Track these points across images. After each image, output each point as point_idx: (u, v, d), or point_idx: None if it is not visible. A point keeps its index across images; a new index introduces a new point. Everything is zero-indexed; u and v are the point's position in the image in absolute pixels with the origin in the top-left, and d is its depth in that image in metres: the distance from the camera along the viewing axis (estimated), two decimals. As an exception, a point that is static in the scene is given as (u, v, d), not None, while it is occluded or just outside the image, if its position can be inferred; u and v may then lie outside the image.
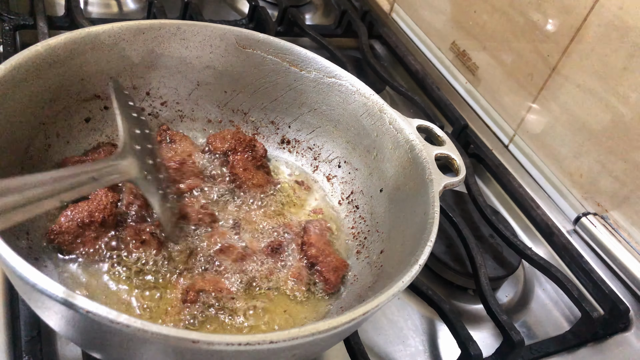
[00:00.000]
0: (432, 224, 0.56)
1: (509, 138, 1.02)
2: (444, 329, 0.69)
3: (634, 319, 0.78)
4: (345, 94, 0.73)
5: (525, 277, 0.83)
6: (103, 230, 0.59)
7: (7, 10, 0.92)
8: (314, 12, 1.29)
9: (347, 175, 0.75)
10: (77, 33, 0.63)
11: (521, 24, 0.97)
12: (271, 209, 0.71)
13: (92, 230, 0.59)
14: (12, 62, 0.56)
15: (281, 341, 0.41)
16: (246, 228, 0.67)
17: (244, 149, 0.73)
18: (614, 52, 0.83)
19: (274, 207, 0.72)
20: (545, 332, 0.76)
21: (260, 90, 0.77)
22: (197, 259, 0.62)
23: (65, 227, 0.58)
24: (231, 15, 1.18)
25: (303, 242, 0.67)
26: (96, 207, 0.59)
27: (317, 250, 0.65)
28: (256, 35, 0.74)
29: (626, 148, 0.83)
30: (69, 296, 0.39)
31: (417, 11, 1.22)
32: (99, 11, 1.06)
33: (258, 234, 0.67)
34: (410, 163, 0.66)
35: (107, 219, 0.59)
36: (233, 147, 0.73)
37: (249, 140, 0.74)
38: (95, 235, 0.59)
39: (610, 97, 0.84)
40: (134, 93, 0.72)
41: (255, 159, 0.74)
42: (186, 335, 0.39)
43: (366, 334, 0.68)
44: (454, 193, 0.87)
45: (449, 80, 1.14)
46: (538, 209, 0.88)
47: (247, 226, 0.68)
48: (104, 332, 0.41)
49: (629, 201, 0.83)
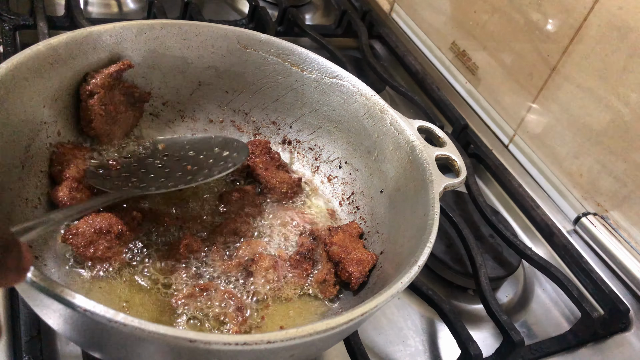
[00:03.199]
0: (432, 225, 0.56)
1: (509, 138, 1.02)
2: (444, 329, 0.69)
3: (634, 319, 0.78)
4: (347, 95, 0.73)
5: (525, 277, 0.83)
6: (117, 243, 0.59)
7: (7, 10, 0.92)
8: (314, 12, 1.29)
9: (348, 176, 0.76)
10: (78, 32, 0.63)
11: (521, 24, 0.97)
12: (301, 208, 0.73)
13: (107, 240, 0.58)
14: (14, 61, 0.56)
15: (279, 341, 0.41)
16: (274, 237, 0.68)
17: (261, 152, 0.74)
18: (614, 52, 0.83)
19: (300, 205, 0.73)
20: (545, 332, 0.76)
21: (262, 90, 0.77)
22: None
23: (81, 230, 0.58)
24: (231, 15, 1.18)
25: (325, 243, 0.67)
26: (118, 220, 0.59)
27: (339, 248, 0.65)
28: (258, 35, 0.74)
29: (626, 148, 0.83)
30: (67, 295, 0.39)
31: (417, 11, 1.22)
32: (99, 11, 1.06)
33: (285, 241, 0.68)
34: (410, 164, 0.66)
35: (124, 233, 0.59)
36: (251, 152, 0.74)
37: (264, 143, 0.75)
38: (108, 245, 0.58)
39: (610, 97, 0.84)
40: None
41: (273, 159, 0.75)
42: (183, 335, 0.39)
43: (366, 334, 0.68)
44: (454, 193, 0.87)
45: (449, 80, 1.14)
46: (538, 209, 0.88)
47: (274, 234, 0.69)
48: (102, 331, 0.41)
49: (629, 201, 0.83)
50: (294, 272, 0.64)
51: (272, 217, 0.70)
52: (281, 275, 0.63)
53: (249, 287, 0.61)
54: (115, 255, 0.59)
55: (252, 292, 0.61)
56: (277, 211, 0.71)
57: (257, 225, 0.69)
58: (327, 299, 0.63)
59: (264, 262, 0.63)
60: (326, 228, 0.69)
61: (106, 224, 0.59)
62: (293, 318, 0.61)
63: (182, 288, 0.59)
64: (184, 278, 0.60)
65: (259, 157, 0.74)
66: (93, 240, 0.58)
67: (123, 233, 0.59)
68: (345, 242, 0.66)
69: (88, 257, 0.58)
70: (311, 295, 0.63)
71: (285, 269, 0.64)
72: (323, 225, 0.71)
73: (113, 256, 0.59)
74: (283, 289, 0.63)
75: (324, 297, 0.63)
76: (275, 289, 0.62)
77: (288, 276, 0.63)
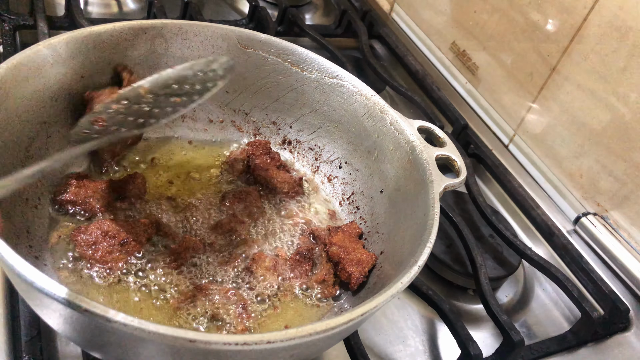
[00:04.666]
0: (432, 225, 0.56)
1: (509, 138, 1.02)
2: (444, 329, 0.69)
3: (634, 319, 0.78)
4: (347, 95, 0.73)
5: (525, 277, 0.83)
6: (119, 250, 0.59)
7: (7, 10, 0.92)
8: (314, 12, 1.29)
9: (348, 176, 0.76)
10: (79, 32, 0.63)
11: (521, 24, 0.97)
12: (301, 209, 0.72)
13: (110, 244, 0.59)
14: (14, 61, 0.56)
15: (278, 341, 0.41)
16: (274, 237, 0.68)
17: (261, 153, 0.74)
18: (614, 52, 0.83)
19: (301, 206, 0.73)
20: (545, 332, 0.76)
21: (262, 90, 0.77)
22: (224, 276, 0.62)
23: (90, 230, 0.59)
24: (231, 15, 1.18)
25: (325, 244, 0.67)
26: (128, 229, 0.60)
27: (338, 248, 0.65)
28: (258, 35, 0.74)
29: (626, 148, 0.83)
30: (67, 294, 0.39)
31: (417, 11, 1.22)
32: (99, 11, 1.06)
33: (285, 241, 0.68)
34: (410, 164, 0.66)
35: (129, 242, 0.59)
36: (251, 152, 0.74)
37: (264, 143, 0.75)
38: (109, 250, 0.58)
39: (610, 97, 0.84)
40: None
41: (274, 159, 0.74)
42: (183, 335, 0.39)
43: (366, 334, 0.68)
44: (454, 193, 0.87)
45: (449, 80, 1.14)
46: (538, 209, 0.88)
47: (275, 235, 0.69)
48: (102, 330, 0.41)
49: (629, 201, 0.83)
50: (294, 272, 0.64)
51: (273, 217, 0.70)
52: (281, 276, 0.63)
53: (250, 287, 0.61)
54: (114, 261, 0.59)
55: (253, 292, 0.61)
56: (277, 211, 0.71)
57: (257, 226, 0.69)
58: (326, 299, 0.63)
59: (264, 262, 0.63)
60: (326, 228, 0.69)
61: (114, 229, 0.59)
62: (293, 318, 0.61)
63: (183, 290, 0.59)
64: (184, 280, 0.60)
65: (259, 158, 0.74)
66: (97, 241, 0.58)
67: (128, 242, 0.59)
68: (344, 242, 0.66)
69: (88, 257, 0.58)
70: (311, 295, 0.63)
71: (286, 269, 0.64)
72: (323, 225, 0.71)
73: (112, 262, 0.58)
74: (283, 288, 0.63)
75: (324, 296, 0.63)
76: (275, 289, 0.62)
77: (288, 276, 0.64)
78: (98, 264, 0.58)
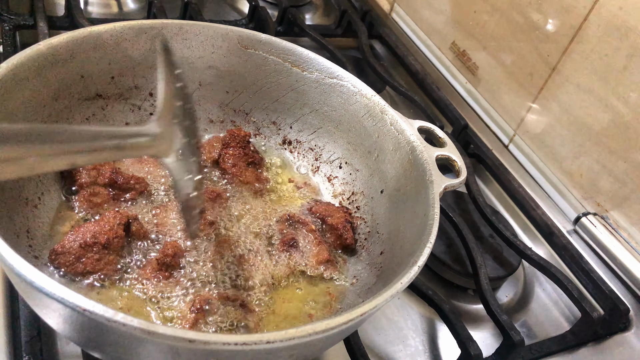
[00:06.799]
0: (432, 225, 0.56)
1: (509, 138, 1.02)
2: (444, 329, 0.69)
3: (634, 319, 0.78)
4: (347, 95, 0.73)
5: (525, 277, 0.83)
6: (106, 253, 0.57)
7: (7, 10, 0.92)
8: (314, 12, 1.29)
9: (348, 176, 0.76)
10: (79, 32, 0.63)
11: (521, 24, 0.97)
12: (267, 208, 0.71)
13: (95, 251, 0.56)
14: (14, 61, 0.56)
15: (278, 341, 0.41)
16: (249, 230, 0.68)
17: (236, 144, 0.72)
18: (614, 52, 0.83)
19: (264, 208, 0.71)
20: (545, 332, 0.76)
21: (262, 90, 0.77)
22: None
23: (67, 247, 0.56)
24: (231, 15, 1.18)
25: (309, 209, 0.70)
26: (101, 229, 0.57)
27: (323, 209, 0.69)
28: (258, 35, 0.74)
29: (626, 148, 0.83)
30: (66, 294, 0.39)
31: (417, 11, 1.22)
32: (99, 11, 1.06)
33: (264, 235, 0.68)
34: (411, 164, 0.66)
35: (111, 241, 0.57)
36: (227, 141, 0.72)
37: (243, 135, 0.73)
38: (97, 257, 0.56)
39: (610, 97, 0.84)
40: (135, 92, 0.72)
41: (247, 155, 0.73)
42: (183, 335, 0.39)
43: (366, 334, 0.68)
44: (454, 193, 0.87)
45: (449, 80, 1.14)
46: (538, 209, 0.88)
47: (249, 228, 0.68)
48: (102, 330, 0.41)
49: (629, 201, 0.83)
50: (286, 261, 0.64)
51: (247, 213, 0.69)
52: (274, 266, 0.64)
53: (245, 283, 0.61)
54: (107, 265, 0.57)
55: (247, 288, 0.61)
56: (252, 206, 0.70)
57: (233, 224, 0.67)
58: (336, 274, 0.65)
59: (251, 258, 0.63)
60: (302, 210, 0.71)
61: (90, 235, 0.56)
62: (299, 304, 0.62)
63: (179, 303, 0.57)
64: (177, 289, 0.58)
65: (232, 149, 0.72)
66: (80, 255, 0.56)
67: (110, 241, 0.57)
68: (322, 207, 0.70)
69: (80, 272, 0.56)
70: (314, 277, 0.64)
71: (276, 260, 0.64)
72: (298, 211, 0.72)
73: (105, 266, 0.57)
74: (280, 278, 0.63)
75: (332, 273, 0.65)
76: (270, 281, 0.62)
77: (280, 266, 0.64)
78: (93, 274, 0.57)
